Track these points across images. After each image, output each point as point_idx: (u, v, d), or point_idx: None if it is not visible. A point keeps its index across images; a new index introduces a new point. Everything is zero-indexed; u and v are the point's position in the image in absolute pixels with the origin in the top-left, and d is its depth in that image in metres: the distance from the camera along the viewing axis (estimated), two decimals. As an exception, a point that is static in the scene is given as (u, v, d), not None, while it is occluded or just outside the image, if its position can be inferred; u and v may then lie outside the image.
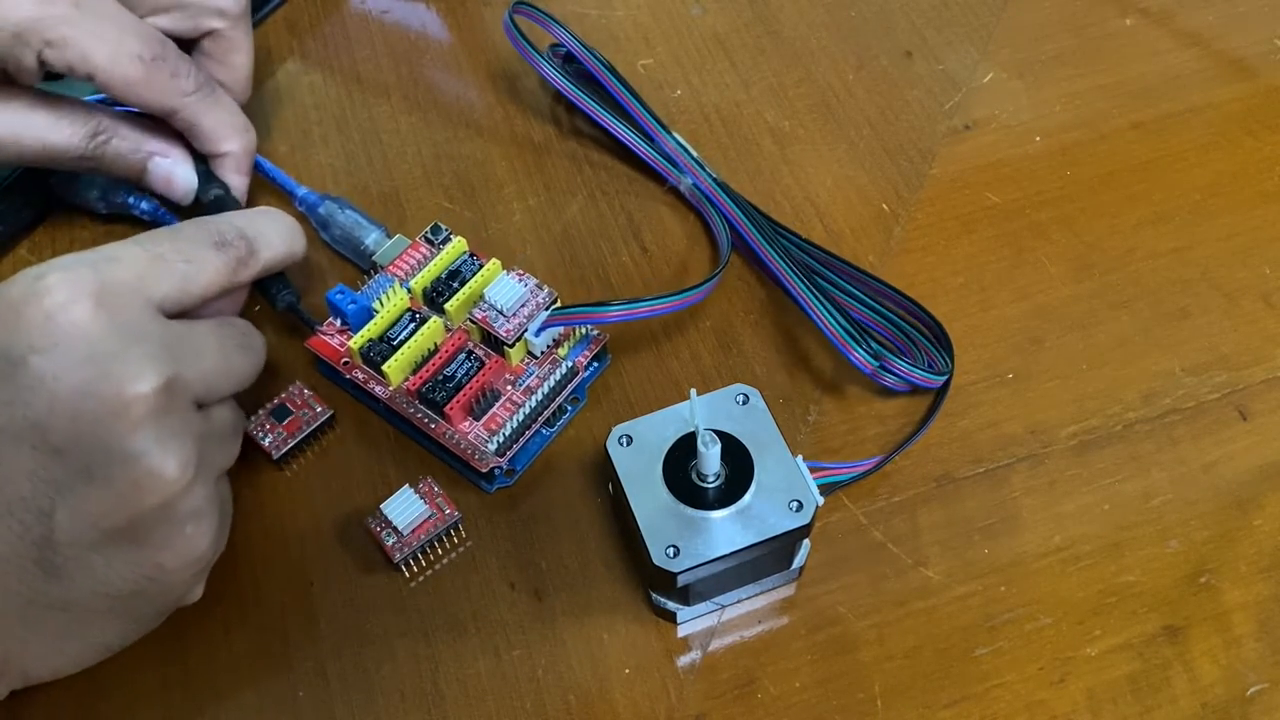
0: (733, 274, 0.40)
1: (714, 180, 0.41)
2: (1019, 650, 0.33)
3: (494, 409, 0.36)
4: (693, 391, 0.31)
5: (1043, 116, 0.44)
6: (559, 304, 0.37)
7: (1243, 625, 0.33)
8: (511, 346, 0.36)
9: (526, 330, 0.36)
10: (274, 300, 0.38)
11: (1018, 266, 0.40)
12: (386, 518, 0.34)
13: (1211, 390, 0.37)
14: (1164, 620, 0.33)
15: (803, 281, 0.38)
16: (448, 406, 0.35)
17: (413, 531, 0.34)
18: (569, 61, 0.44)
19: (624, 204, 0.42)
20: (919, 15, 0.47)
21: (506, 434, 0.35)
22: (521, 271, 0.38)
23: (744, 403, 0.32)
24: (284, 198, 0.42)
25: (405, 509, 0.34)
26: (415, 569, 0.35)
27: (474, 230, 0.41)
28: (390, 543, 0.34)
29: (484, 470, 0.35)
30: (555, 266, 0.41)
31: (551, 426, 0.37)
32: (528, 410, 0.35)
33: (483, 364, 0.36)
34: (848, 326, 0.37)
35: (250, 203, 0.41)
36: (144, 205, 0.41)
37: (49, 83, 0.44)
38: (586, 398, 0.38)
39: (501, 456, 0.35)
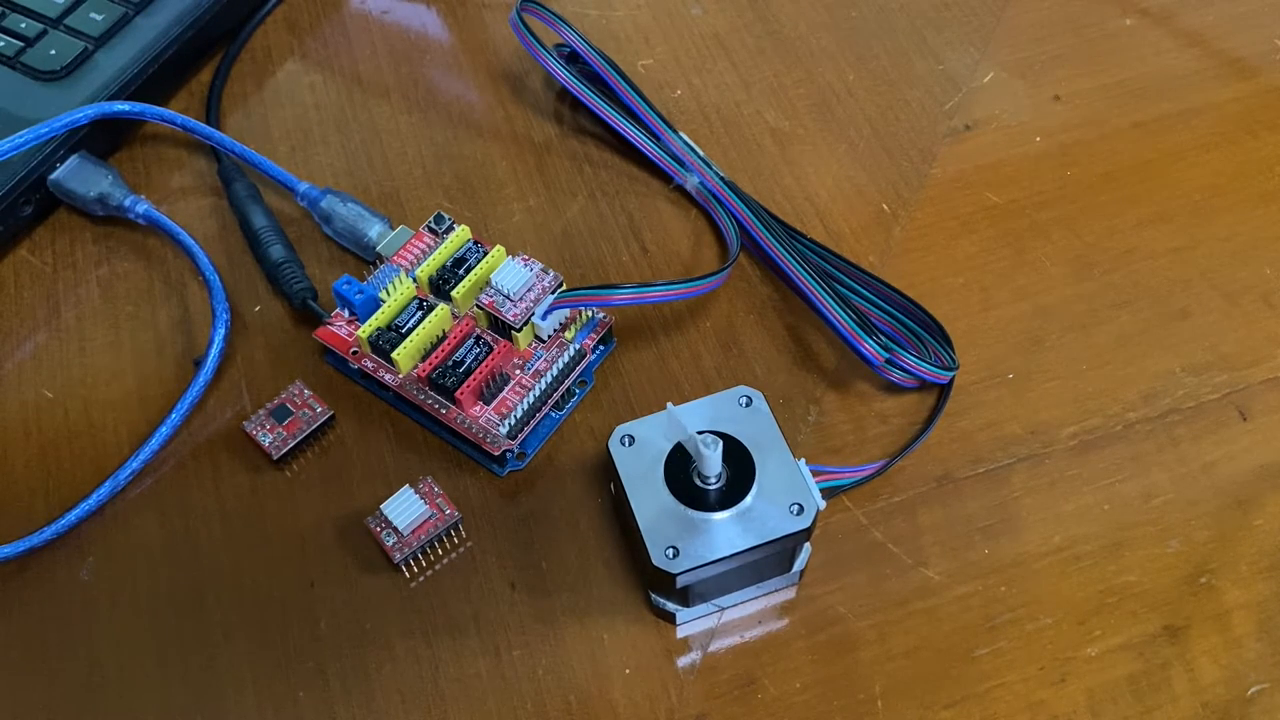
0: (735, 274, 0.40)
1: (721, 178, 0.41)
2: (1019, 650, 0.33)
3: (504, 393, 0.36)
4: (669, 405, 0.30)
5: (1043, 116, 0.44)
6: (564, 288, 0.37)
7: (1243, 625, 0.33)
8: (519, 330, 0.36)
9: (534, 314, 0.36)
10: (292, 297, 0.39)
11: (1018, 266, 0.40)
12: (386, 518, 0.34)
13: (1211, 390, 0.37)
14: (1164, 620, 0.33)
15: (811, 276, 0.38)
16: (458, 391, 0.35)
17: (413, 532, 0.34)
18: (573, 62, 0.44)
19: (624, 204, 0.42)
20: (919, 15, 0.47)
21: (518, 416, 0.35)
22: (526, 256, 0.38)
23: (747, 405, 0.32)
24: (285, 194, 0.42)
25: (405, 509, 0.34)
26: (415, 569, 0.35)
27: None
28: (390, 543, 0.34)
29: (496, 454, 0.35)
30: (555, 267, 0.41)
31: (560, 410, 0.37)
32: (537, 393, 0.36)
33: (491, 349, 0.36)
34: (858, 318, 0.37)
35: (254, 202, 0.41)
36: (140, 208, 0.41)
37: (49, 83, 0.44)
38: (594, 381, 0.38)
39: (513, 439, 0.35)
